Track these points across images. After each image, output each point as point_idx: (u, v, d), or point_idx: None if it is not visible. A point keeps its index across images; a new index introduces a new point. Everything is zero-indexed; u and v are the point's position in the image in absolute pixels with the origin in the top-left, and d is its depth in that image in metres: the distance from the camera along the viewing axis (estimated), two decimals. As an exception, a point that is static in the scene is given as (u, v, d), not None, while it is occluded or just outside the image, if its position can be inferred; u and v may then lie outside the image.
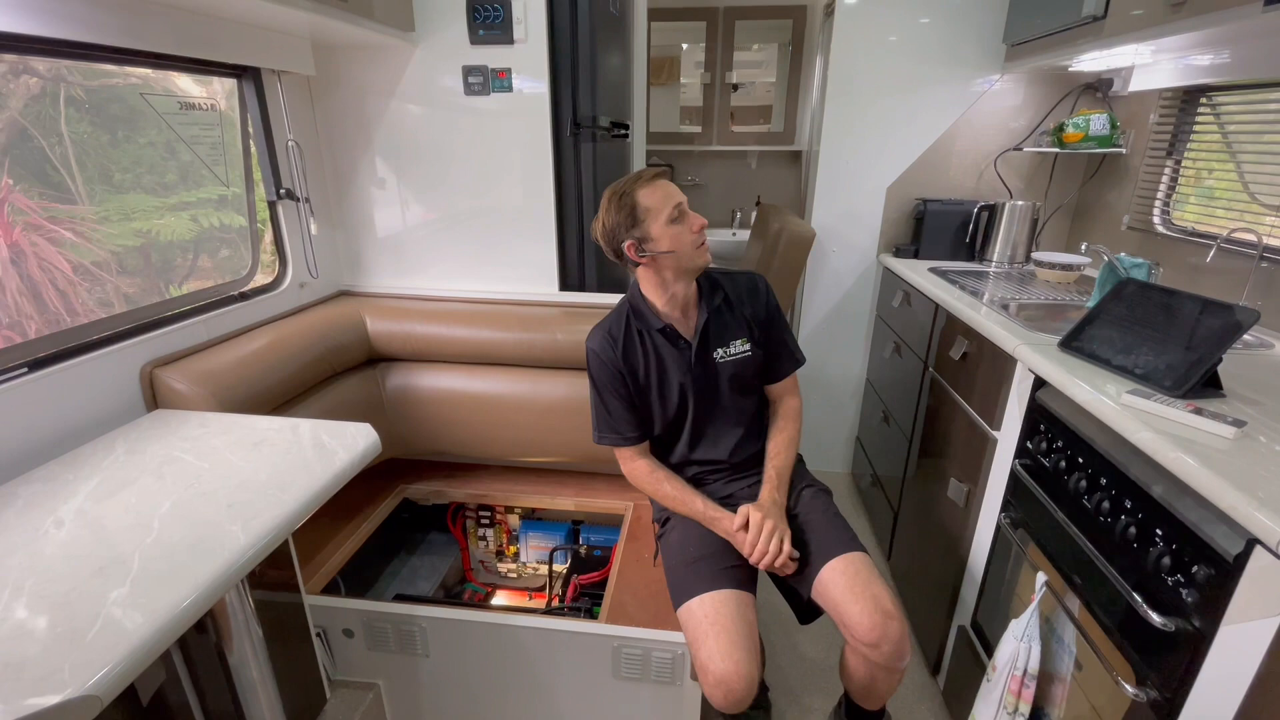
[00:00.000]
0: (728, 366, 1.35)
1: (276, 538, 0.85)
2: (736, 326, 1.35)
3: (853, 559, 1.22)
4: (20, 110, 1.32)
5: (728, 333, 1.35)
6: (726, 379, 1.35)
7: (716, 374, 1.35)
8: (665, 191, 1.23)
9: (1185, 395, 1.01)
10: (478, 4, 1.57)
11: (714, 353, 1.34)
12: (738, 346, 1.35)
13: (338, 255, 1.89)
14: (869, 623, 1.13)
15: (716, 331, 1.34)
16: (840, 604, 1.17)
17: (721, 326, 1.35)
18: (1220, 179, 1.67)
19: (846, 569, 1.20)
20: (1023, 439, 1.29)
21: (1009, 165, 2.29)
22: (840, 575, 1.19)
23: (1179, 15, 1.30)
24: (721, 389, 1.36)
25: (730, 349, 1.35)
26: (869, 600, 1.14)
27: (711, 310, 1.33)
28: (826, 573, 1.21)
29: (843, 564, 1.21)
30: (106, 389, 1.23)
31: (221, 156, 1.61)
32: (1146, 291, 1.22)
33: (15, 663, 0.64)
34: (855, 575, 1.18)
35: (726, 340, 1.34)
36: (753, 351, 1.36)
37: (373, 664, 1.45)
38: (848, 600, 1.16)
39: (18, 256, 1.35)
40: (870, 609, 1.13)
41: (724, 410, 1.37)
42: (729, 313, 1.35)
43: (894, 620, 1.14)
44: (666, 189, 1.23)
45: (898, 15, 2.22)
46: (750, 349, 1.35)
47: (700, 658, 1.13)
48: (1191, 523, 0.85)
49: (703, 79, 3.48)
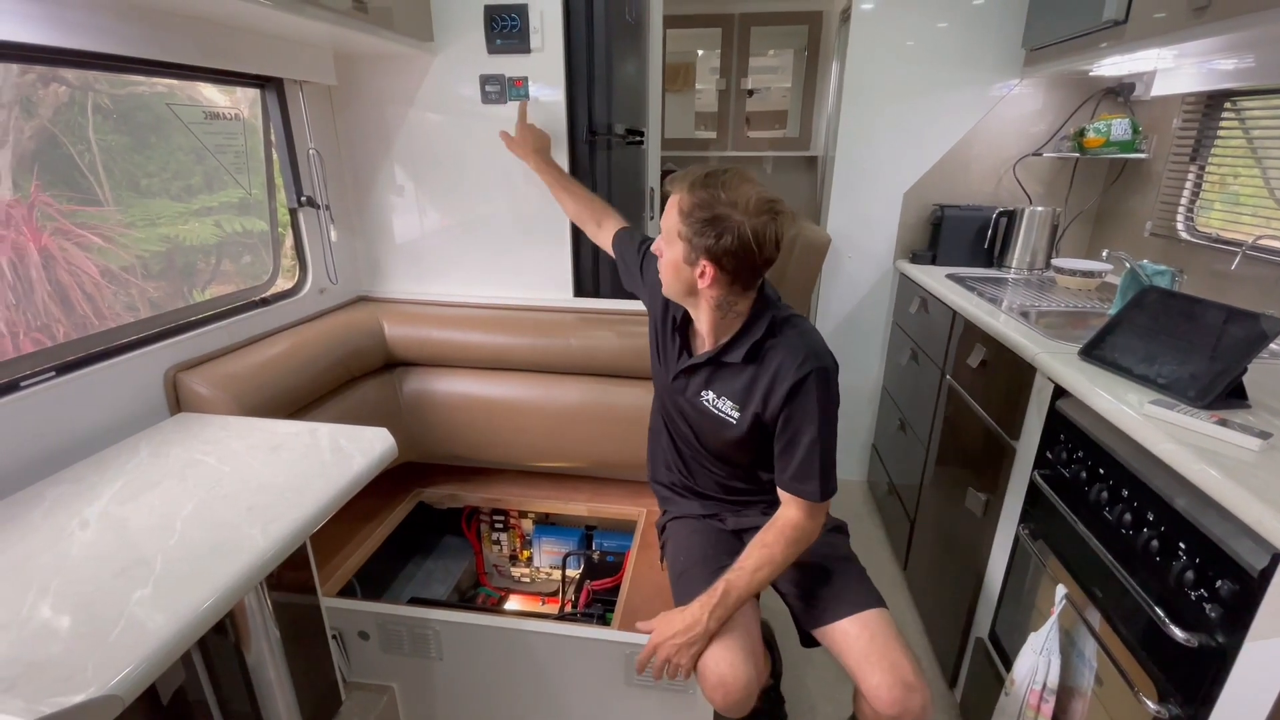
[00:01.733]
0: (705, 412, 1.21)
1: (295, 541, 0.87)
2: (735, 386, 1.16)
3: (871, 618, 1.12)
4: (50, 118, 1.36)
5: (723, 385, 1.17)
6: (698, 421, 1.23)
7: (691, 408, 1.23)
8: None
9: (1210, 406, 0.99)
10: (495, 14, 1.59)
11: (702, 391, 1.20)
12: (725, 405, 1.17)
13: (357, 261, 1.92)
14: (889, 697, 1.04)
15: (713, 375, 1.18)
16: (858, 668, 1.09)
17: (723, 375, 1.18)
18: (1245, 184, 1.64)
19: (862, 631, 1.10)
20: (1042, 449, 1.27)
21: (1028, 170, 2.27)
22: (856, 638, 1.10)
23: (1203, 19, 1.28)
24: (693, 425, 1.26)
25: (718, 401, 1.18)
26: (888, 670, 1.05)
27: (716, 360, 1.16)
28: (843, 629, 1.13)
29: (859, 625, 1.11)
30: (132, 392, 1.25)
31: (245, 164, 1.64)
32: (1169, 300, 1.20)
33: (39, 661, 0.65)
34: (873, 639, 1.09)
35: (719, 391, 1.18)
36: (737, 421, 1.16)
37: (387, 666, 1.46)
38: (866, 666, 1.07)
39: (47, 261, 1.39)
40: (891, 681, 1.04)
41: (700, 447, 1.29)
42: (740, 369, 1.15)
43: (916, 693, 1.04)
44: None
45: (914, 20, 2.21)
46: (736, 417, 1.16)
47: (698, 665, 1.12)
48: (1216, 536, 0.83)
49: (718, 85, 3.48)
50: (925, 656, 1.80)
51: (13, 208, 1.32)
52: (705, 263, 1.04)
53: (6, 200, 1.30)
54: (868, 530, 2.43)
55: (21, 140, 1.32)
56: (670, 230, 1.07)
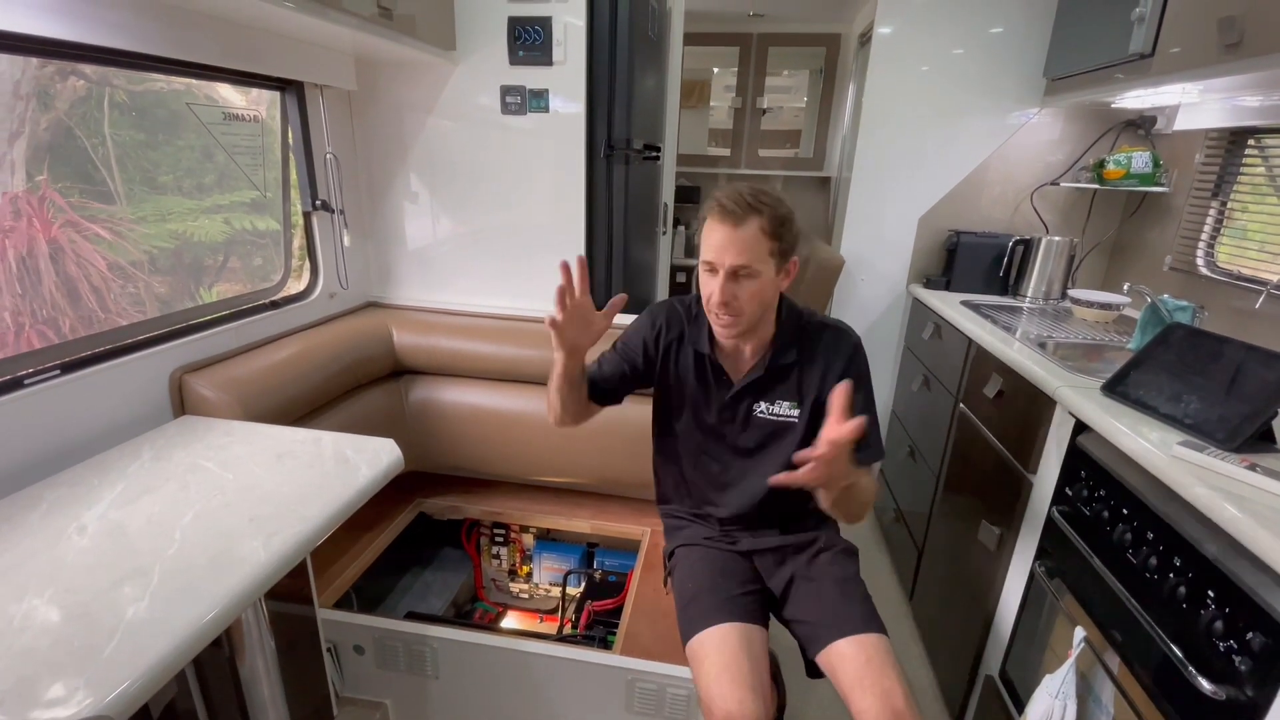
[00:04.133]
0: (763, 424, 1.24)
1: (296, 555, 0.84)
2: (790, 384, 1.21)
3: (867, 642, 1.11)
4: (66, 111, 1.35)
5: (778, 389, 1.22)
6: (756, 436, 1.25)
7: (746, 427, 1.25)
8: (714, 239, 1.08)
9: (1239, 449, 0.97)
10: (519, 25, 1.58)
11: (755, 404, 1.23)
12: (783, 407, 1.22)
13: (368, 267, 1.91)
14: None
15: (766, 384, 1.22)
16: (850, 691, 1.07)
17: (775, 379, 1.22)
18: (1269, 222, 1.62)
19: (859, 654, 1.10)
20: (1061, 485, 1.24)
21: (1045, 200, 2.26)
22: (851, 660, 1.10)
23: (1233, 56, 1.26)
24: (746, 444, 1.26)
25: (775, 406, 1.22)
26: (880, 696, 1.04)
27: (773, 366, 1.20)
28: (838, 650, 1.12)
29: (856, 646, 1.11)
30: (136, 393, 1.23)
31: (261, 165, 1.63)
32: (1196, 338, 1.17)
33: (30, 676, 0.63)
34: (868, 663, 1.08)
35: (774, 397, 1.22)
36: (798, 420, 1.22)
37: (381, 682, 1.43)
38: (858, 690, 1.06)
39: (56, 253, 1.37)
40: (880, 707, 1.03)
41: (745, 464, 1.28)
42: (791, 367, 1.21)
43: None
44: (716, 237, 1.08)
45: (934, 46, 2.21)
46: (795, 416, 1.22)
47: (705, 697, 1.08)
48: (1247, 586, 0.80)
49: (733, 103, 3.49)
50: (930, 690, 1.76)
51: (24, 199, 1.31)
52: (793, 259, 1.13)
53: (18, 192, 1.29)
54: (873, 557, 2.40)
55: (37, 132, 1.32)
56: (759, 255, 1.08)
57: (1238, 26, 1.23)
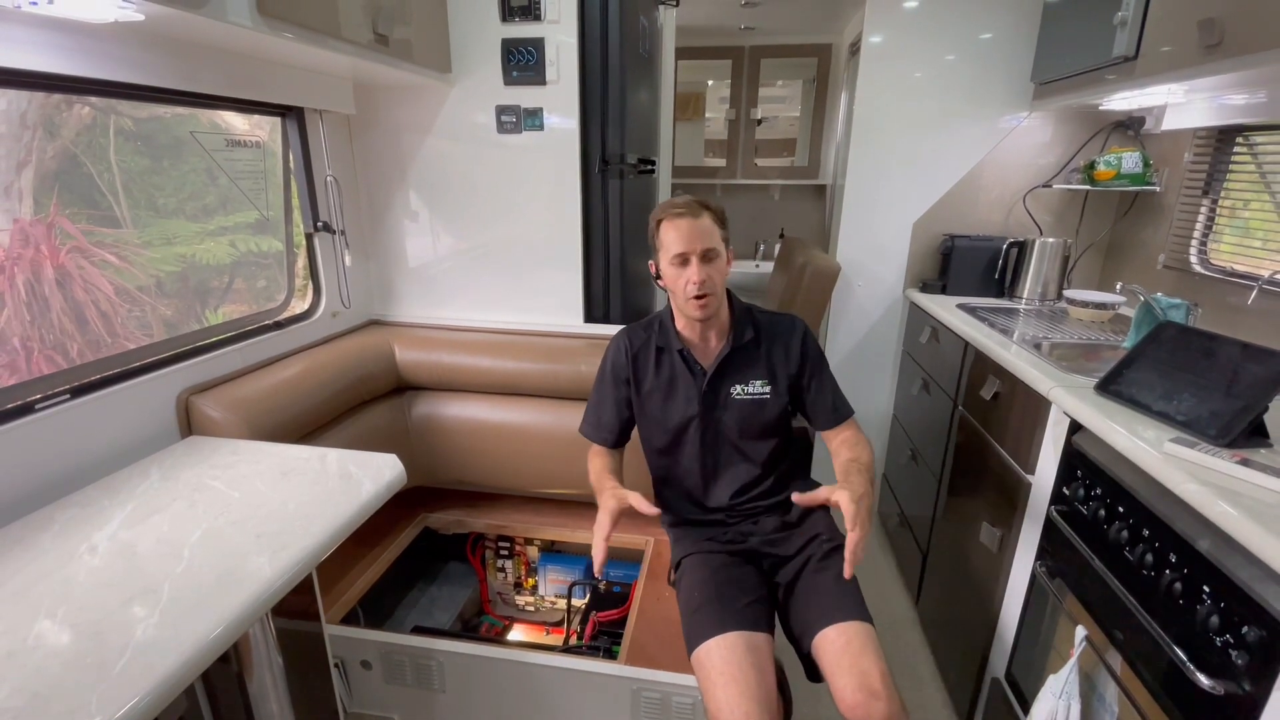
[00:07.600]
0: (742, 405, 1.34)
1: (302, 571, 0.86)
2: (759, 366, 1.34)
3: (848, 628, 1.15)
4: (72, 139, 1.39)
5: (749, 370, 1.34)
6: (738, 416, 1.34)
7: (727, 408, 1.34)
8: (680, 233, 1.23)
9: (1231, 445, 0.97)
10: (512, 47, 1.62)
11: (731, 388, 1.33)
12: (756, 386, 1.34)
13: (370, 285, 1.93)
14: (851, 700, 1.07)
15: (737, 366, 1.34)
16: (830, 673, 1.12)
17: (744, 362, 1.34)
18: (1260, 219, 1.63)
19: (839, 638, 1.14)
20: (1059, 484, 1.25)
21: (1038, 202, 2.27)
22: (832, 643, 1.14)
23: (1214, 56, 1.28)
24: (730, 424, 1.34)
25: (749, 387, 1.34)
26: (856, 675, 1.08)
27: (737, 346, 1.33)
28: (824, 637, 1.16)
29: (838, 631, 1.15)
30: (145, 415, 1.25)
31: (264, 188, 1.66)
32: (1187, 335, 1.18)
33: (43, 693, 0.64)
34: (847, 645, 1.13)
35: (746, 378, 1.34)
36: (771, 395, 1.34)
37: (389, 697, 1.43)
38: (836, 672, 1.11)
39: (64, 279, 1.40)
40: (856, 685, 1.07)
41: (732, 447, 1.36)
42: (754, 349, 1.35)
43: (879, 701, 1.06)
44: (682, 230, 1.23)
45: (923, 53, 2.24)
46: (769, 392, 1.34)
47: (710, 706, 1.09)
48: (1241, 580, 0.81)
49: (727, 114, 3.53)
50: (938, 695, 1.76)
51: (32, 226, 1.34)
52: (731, 248, 1.31)
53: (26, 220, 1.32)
54: (879, 562, 2.39)
55: (44, 160, 1.35)
56: (717, 239, 1.26)
57: (1218, 28, 1.25)
